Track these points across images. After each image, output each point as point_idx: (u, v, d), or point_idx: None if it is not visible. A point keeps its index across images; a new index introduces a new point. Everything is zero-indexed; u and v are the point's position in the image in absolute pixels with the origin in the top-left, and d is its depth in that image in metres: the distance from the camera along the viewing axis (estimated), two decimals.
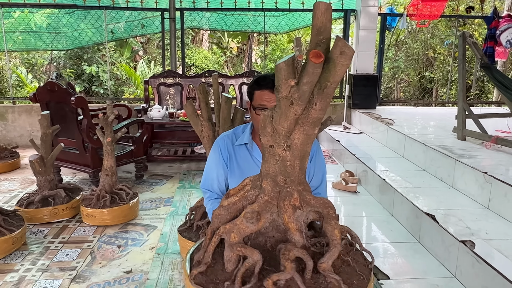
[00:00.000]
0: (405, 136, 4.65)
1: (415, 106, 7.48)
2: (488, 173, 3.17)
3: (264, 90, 1.89)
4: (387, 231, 3.38)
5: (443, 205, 3.21)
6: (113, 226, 3.56)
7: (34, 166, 3.61)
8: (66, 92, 4.09)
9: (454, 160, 3.65)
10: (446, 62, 10.38)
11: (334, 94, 7.12)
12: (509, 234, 2.74)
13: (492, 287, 2.28)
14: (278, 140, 1.25)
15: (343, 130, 6.24)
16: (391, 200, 3.68)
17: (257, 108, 1.90)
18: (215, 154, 2.08)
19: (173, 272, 2.85)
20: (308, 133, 1.22)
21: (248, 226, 1.26)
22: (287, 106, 1.17)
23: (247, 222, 1.26)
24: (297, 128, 1.22)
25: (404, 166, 4.35)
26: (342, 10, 6.63)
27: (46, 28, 6.60)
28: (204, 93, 2.93)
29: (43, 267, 2.90)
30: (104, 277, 2.79)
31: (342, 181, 4.40)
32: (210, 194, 2.14)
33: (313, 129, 1.22)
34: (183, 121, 5.06)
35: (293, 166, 1.27)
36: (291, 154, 1.25)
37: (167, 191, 4.45)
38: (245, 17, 6.80)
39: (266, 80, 1.88)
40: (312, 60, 1.05)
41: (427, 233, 3.02)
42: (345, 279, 1.21)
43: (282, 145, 1.25)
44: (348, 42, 6.65)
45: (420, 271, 2.75)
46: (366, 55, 6.46)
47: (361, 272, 1.28)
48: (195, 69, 11.89)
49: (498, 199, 3.05)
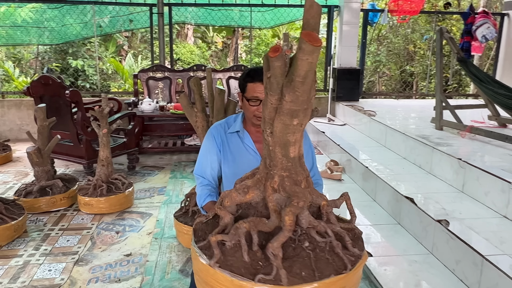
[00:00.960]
0: (386, 127, 4.90)
1: (396, 98, 7.76)
2: (462, 159, 3.43)
3: (256, 82, 2.04)
4: (370, 214, 3.62)
5: (422, 190, 3.46)
6: (110, 214, 3.71)
7: (31, 158, 3.73)
8: (60, 86, 4.21)
9: (431, 149, 3.89)
10: (425, 56, 10.70)
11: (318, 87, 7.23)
12: (480, 214, 3.00)
13: (464, 260, 2.52)
14: (264, 126, 1.42)
15: (327, 122, 6.47)
16: (373, 186, 3.92)
17: (251, 100, 2.06)
18: (209, 141, 2.19)
19: (171, 255, 3.03)
20: (285, 123, 1.32)
21: (237, 195, 1.44)
22: (265, 95, 1.35)
23: (237, 192, 1.45)
24: (276, 117, 1.34)
25: (385, 155, 4.60)
26: (326, 6, 6.83)
27: (34, 22, 6.63)
28: (198, 86, 3.10)
29: (46, 252, 3.05)
30: (105, 260, 2.96)
31: (327, 169, 4.63)
32: (202, 180, 2.21)
33: (290, 120, 1.31)
34: (173, 114, 5.22)
35: (274, 151, 1.39)
36: (273, 140, 1.38)
37: (159, 181, 4.61)
38: (232, 12, 6.96)
39: (258, 73, 2.02)
40: (269, 55, 1.20)
41: (407, 215, 3.26)
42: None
43: (267, 130, 1.41)
44: (331, 37, 6.88)
45: (400, 249, 2.98)
46: (349, 49, 6.68)
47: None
48: (180, 63, 11.97)
49: (471, 183, 3.31)
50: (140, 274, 2.77)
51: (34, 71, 10.13)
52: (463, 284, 2.51)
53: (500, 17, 7.00)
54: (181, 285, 2.65)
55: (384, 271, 2.69)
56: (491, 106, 4.76)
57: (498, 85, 4.29)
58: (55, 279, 2.71)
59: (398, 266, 2.77)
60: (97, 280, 2.70)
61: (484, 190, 3.16)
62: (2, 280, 2.68)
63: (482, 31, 6.36)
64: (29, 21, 6.60)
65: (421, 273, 2.67)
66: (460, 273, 2.57)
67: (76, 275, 2.76)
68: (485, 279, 2.33)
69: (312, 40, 1.12)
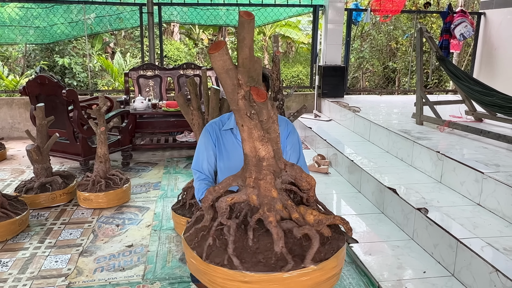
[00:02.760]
0: (370, 122, 5.15)
1: (379, 94, 8.04)
2: (441, 152, 3.68)
3: None
4: (355, 205, 3.86)
5: (403, 181, 3.71)
6: (109, 209, 3.88)
7: (31, 155, 3.87)
8: (57, 85, 4.34)
9: (412, 142, 4.15)
10: (407, 53, 11.02)
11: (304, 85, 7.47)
12: (456, 202, 3.26)
13: (442, 244, 2.77)
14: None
15: (314, 118, 6.71)
16: (358, 179, 4.16)
17: None
18: (205, 138, 2.36)
19: (170, 245, 3.22)
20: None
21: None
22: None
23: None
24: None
25: (369, 148, 4.85)
26: (311, 5, 7.05)
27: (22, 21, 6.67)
28: (194, 85, 3.29)
29: (50, 244, 3.21)
30: (108, 251, 3.13)
31: (314, 163, 4.86)
32: (199, 174, 2.36)
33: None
34: (165, 111, 5.38)
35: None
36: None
37: (154, 177, 4.79)
38: (220, 11, 7.12)
39: None
40: (209, 52, 1.36)
41: (390, 205, 3.50)
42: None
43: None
44: (317, 35, 7.10)
45: (384, 236, 3.22)
46: (334, 47, 6.91)
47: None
48: (167, 61, 12.07)
49: (448, 174, 3.57)
50: (143, 263, 2.96)
51: (21, 69, 10.13)
52: (440, 266, 2.76)
53: (477, 16, 7.31)
54: (182, 271, 2.84)
55: (369, 256, 2.92)
56: (468, 102, 5.04)
57: (474, 82, 4.57)
58: (63, 269, 2.87)
59: (382, 251, 3.01)
60: (102, 269, 2.88)
61: (460, 180, 3.42)
62: (12, 271, 2.84)
63: (460, 29, 6.66)
64: (16, 19, 6.63)
65: (402, 257, 2.91)
66: (437, 256, 2.82)
67: (82, 265, 2.93)
68: (460, 260, 2.58)
69: (246, 15, 1.32)
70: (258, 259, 1.42)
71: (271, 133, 1.54)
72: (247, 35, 1.34)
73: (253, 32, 1.36)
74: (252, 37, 1.35)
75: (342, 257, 1.57)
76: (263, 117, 1.48)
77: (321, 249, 1.47)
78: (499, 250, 2.49)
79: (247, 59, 1.37)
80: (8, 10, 6.52)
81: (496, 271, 2.27)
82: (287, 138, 2.33)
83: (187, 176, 4.76)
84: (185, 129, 5.87)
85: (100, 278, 2.77)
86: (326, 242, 1.54)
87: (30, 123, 5.45)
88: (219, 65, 1.35)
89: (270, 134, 1.54)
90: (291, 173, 1.63)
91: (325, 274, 1.45)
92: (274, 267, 1.38)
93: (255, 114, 1.46)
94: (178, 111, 5.09)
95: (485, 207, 3.13)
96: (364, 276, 2.76)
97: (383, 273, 2.70)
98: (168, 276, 2.79)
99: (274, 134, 1.55)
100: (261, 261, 1.41)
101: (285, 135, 2.31)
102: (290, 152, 2.35)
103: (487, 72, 7.13)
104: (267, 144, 1.53)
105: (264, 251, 1.45)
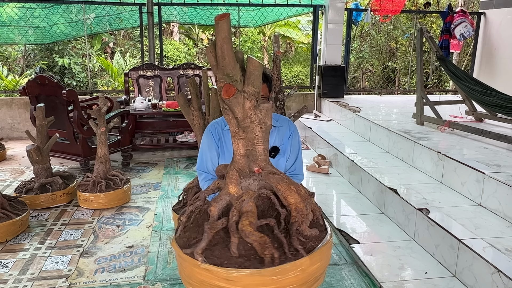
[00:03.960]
0: (370, 122, 5.14)
1: (379, 94, 8.03)
2: (441, 153, 3.68)
3: None
4: (356, 205, 3.85)
5: (404, 181, 3.70)
6: (109, 209, 3.87)
7: (31, 156, 3.86)
8: (57, 86, 4.33)
9: (413, 143, 4.14)
10: (407, 53, 11.02)
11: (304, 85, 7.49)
12: (457, 202, 3.25)
13: (443, 244, 2.77)
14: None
15: (314, 118, 6.70)
16: (359, 179, 4.16)
17: None
18: (208, 138, 2.37)
19: (171, 246, 3.21)
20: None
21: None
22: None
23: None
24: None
25: (370, 149, 4.84)
26: (311, 5, 7.04)
27: (22, 21, 6.67)
28: (195, 86, 3.28)
29: (51, 245, 3.20)
30: (109, 251, 3.12)
31: (315, 164, 4.85)
32: (205, 175, 2.38)
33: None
34: (165, 112, 5.37)
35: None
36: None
37: (154, 177, 4.78)
38: (219, 11, 7.10)
39: None
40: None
41: (391, 205, 3.50)
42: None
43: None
44: (317, 35, 7.10)
45: (385, 236, 3.22)
46: (334, 47, 6.91)
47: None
48: (167, 61, 12.06)
49: (449, 174, 3.57)
50: (144, 264, 2.95)
51: (21, 69, 10.12)
52: (442, 266, 2.76)
53: (477, 16, 7.31)
54: None
55: (370, 257, 2.92)
56: (468, 102, 5.04)
57: (474, 82, 4.56)
58: (63, 270, 2.86)
59: (383, 251, 3.00)
60: (103, 270, 2.87)
61: (461, 180, 3.42)
62: (12, 272, 2.83)
63: (460, 29, 6.66)
64: (15, 19, 6.62)
65: (404, 257, 2.91)
66: (439, 256, 2.81)
67: (82, 266, 2.92)
68: (461, 261, 2.58)
69: (219, 17, 1.46)
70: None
71: (248, 133, 1.62)
72: (218, 35, 1.48)
73: (226, 31, 1.48)
74: (224, 37, 1.48)
75: None
76: (237, 115, 1.58)
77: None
78: (501, 251, 2.49)
79: (220, 57, 1.52)
80: (8, 10, 6.51)
81: (498, 271, 2.27)
82: (289, 138, 2.34)
83: (187, 177, 4.75)
84: (185, 129, 5.86)
85: (101, 279, 2.76)
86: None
87: (30, 124, 5.44)
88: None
89: (246, 133, 1.62)
90: (267, 179, 1.67)
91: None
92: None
93: (227, 109, 1.59)
94: (178, 111, 5.08)
95: (486, 207, 3.13)
96: (365, 277, 2.76)
97: (385, 273, 2.69)
98: (169, 277, 2.78)
99: (251, 135, 1.63)
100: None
101: (287, 135, 2.33)
102: (289, 153, 2.36)
103: (487, 72, 7.13)
104: (238, 142, 1.64)
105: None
